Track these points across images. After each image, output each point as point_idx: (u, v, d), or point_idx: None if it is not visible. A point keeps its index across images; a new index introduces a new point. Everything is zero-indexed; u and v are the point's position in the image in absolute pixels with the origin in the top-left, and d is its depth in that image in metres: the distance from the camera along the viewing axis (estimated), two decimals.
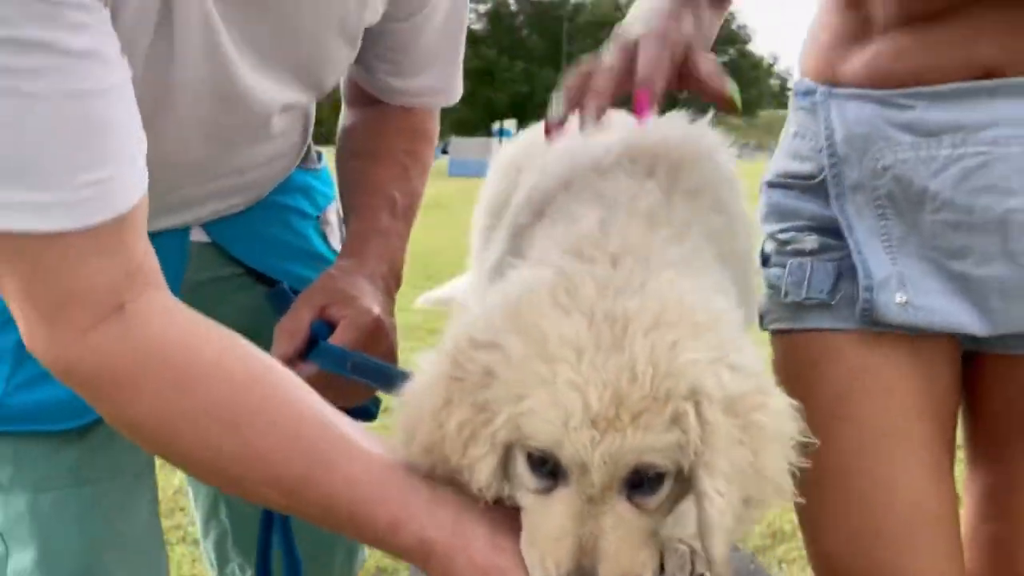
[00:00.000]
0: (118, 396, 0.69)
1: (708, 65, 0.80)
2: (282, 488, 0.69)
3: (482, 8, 77.00)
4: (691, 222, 0.76)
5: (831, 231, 0.96)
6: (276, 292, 1.01)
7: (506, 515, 0.67)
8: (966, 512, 1.03)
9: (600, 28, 73.10)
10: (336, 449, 0.68)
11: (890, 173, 0.90)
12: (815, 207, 0.97)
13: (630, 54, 0.78)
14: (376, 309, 0.91)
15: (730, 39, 74.47)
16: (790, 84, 1.08)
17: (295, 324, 0.88)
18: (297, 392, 0.71)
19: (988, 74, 0.85)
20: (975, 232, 0.87)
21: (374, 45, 0.96)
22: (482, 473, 0.64)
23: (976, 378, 0.99)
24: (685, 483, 0.64)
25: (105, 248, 0.66)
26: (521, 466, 0.65)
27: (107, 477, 0.92)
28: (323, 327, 0.88)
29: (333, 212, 1.14)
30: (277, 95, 0.87)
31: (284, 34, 0.83)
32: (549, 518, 0.63)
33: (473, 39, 74.73)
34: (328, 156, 1.16)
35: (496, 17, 74.25)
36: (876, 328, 0.92)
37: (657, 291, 0.65)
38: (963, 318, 0.89)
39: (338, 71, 0.96)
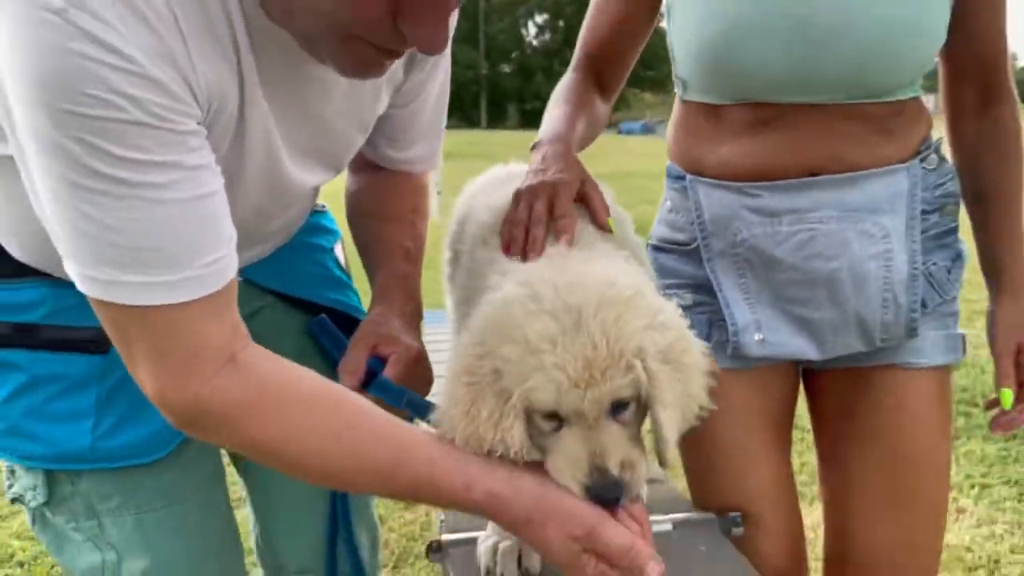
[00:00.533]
0: (242, 427, 0.91)
1: (596, 200, 1.10)
2: (380, 475, 0.93)
3: None
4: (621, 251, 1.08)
5: (703, 288, 1.30)
6: (317, 322, 1.26)
7: (539, 466, 0.92)
8: (820, 489, 1.44)
9: (515, 7, 73.25)
10: (413, 440, 0.94)
11: (746, 244, 1.24)
12: (690, 268, 1.32)
13: (550, 200, 1.06)
14: (416, 343, 1.16)
15: None
16: None
17: (354, 363, 1.11)
18: (370, 407, 0.95)
19: (812, 173, 1.20)
20: (809, 287, 1.23)
21: (377, 126, 1.18)
22: (515, 438, 0.88)
23: (815, 391, 1.40)
24: (644, 404, 0.91)
25: (217, 311, 0.88)
26: (537, 420, 0.90)
27: (193, 493, 1.17)
28: (377, 362, 1.11)
29: (340, 246, 1.40)
30: (311, 179, 1.13)
31: (320, 136, 1.08)
32: (565, 446, 0.89)
33: None
34: None
35: None
36: (739, 364, 1.29)
37: (594, 282, 0.90)
38: (805, 349, 1.27)
39: (353, 153, 1.19)
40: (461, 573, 1.16)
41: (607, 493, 0.88)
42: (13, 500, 1.17)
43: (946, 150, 1.31)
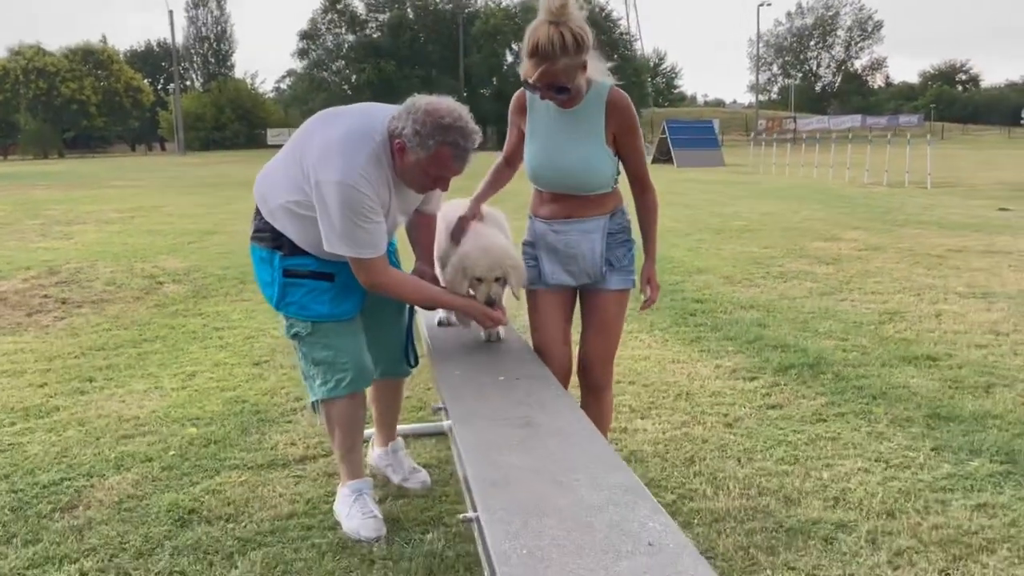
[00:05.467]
0: (389, 288, 2.87)
1: (479, 219, 3.27)
2: (426, 299, 3.06)
3: (382, 18, 78.19)
4: (503, 232, 3.28)
5: (535, 257, 3.11)
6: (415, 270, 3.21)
7: (472, 298, 3.03)
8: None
9: (493, 38, 75.65)
10: (437, 290, 3.04)
11: (549, 243, 3.06)
12: (533, 251, 3.12)
13: (463, 223, 3.18)
14: (432, 272, 3.19)
15: (613, 46, 78.33)
16: (677, 80, 4.90)
17: (418, 275, 3.11)
18: (422, 280, 3.04)
19: (570, 216, 3.01)
20: (568, 258, 3.04)
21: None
22: (465, 288, 3.01)
23: (581, 298, 3.18)
24: (505, 280, 3.00)
25: (384, 257, 2.79)
26: (473, 282, 2.99)
27: (358, 327, 3.04)
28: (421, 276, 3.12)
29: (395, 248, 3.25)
30: (401, 222, 3.04)
31: (406, 207, 2.96)
32: (481, 288, 3.00)
33: (376, 51, 75.97)
34: None
35: (396, 28, 75.63)
36: (547, 285, 3.10)
37: (491, 243, 3.03)
38: (571, 282, 3.08)
39: (412, 212, 3.08)
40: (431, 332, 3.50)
41: (490, 302, 2.96)
42: (292, 336, 2.95)
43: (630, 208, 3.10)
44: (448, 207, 3.33)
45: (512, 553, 1.54)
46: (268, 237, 2.87)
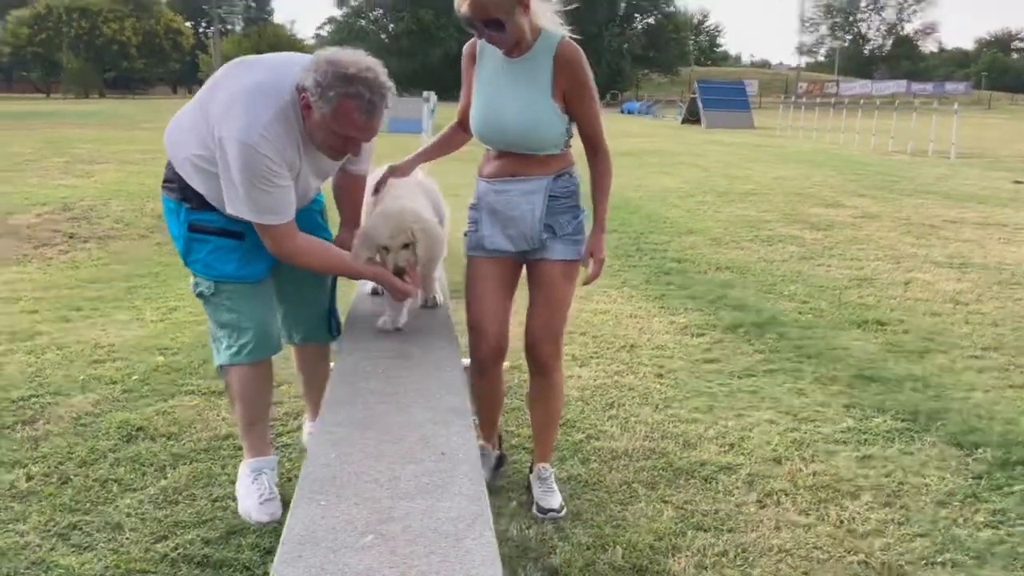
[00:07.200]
0: (295, 257, 2.65)
1: (403, 173, 3.07)
2: (335, 268, 2.82)
3: None
4: (426, 194, 3.04)
5: (476, 221, 2.84)
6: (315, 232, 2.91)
7: (381, 265, 2.77)
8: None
9: None
10: (344, 258, 2.73)
11: (489, 204, 2.80)
12: (476, 214, 2.85)
13: (384, 178, 3.01)
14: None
15: (652, 2, 77.86)
16: (720, 39, 3.75)
17: (340, 243, 2.88)
18: (335, 248, 2.78)
19: (512, 175, 2.76)
20: (508, 220, 2.77)
21: (348, 158, 2.76)
22: (367, 257, 2.73)
23: (527, 268, 2.88)
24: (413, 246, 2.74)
25: (291, 223, 2.56)
26: (379, 251, 2.72)
27: (268, 291, 2.89)
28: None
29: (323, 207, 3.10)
30: (317, 185, 2.83)
31: (320, 171, 2.75)
32: (388, 257, 2.72)
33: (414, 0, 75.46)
34: None
35: None
36: (485, 252, 2.82)
37: (397, 208, 2.76)
38: (510, 247, 2.80)
39: (331, 176, 2.88)
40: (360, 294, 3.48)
41: (398, 271, 2.68)
42: (197, 295, 2.80)
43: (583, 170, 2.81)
44: (379, 171, 3.05)
45: (322, 455, 1.79)
46: (176, 188, 2.69)
